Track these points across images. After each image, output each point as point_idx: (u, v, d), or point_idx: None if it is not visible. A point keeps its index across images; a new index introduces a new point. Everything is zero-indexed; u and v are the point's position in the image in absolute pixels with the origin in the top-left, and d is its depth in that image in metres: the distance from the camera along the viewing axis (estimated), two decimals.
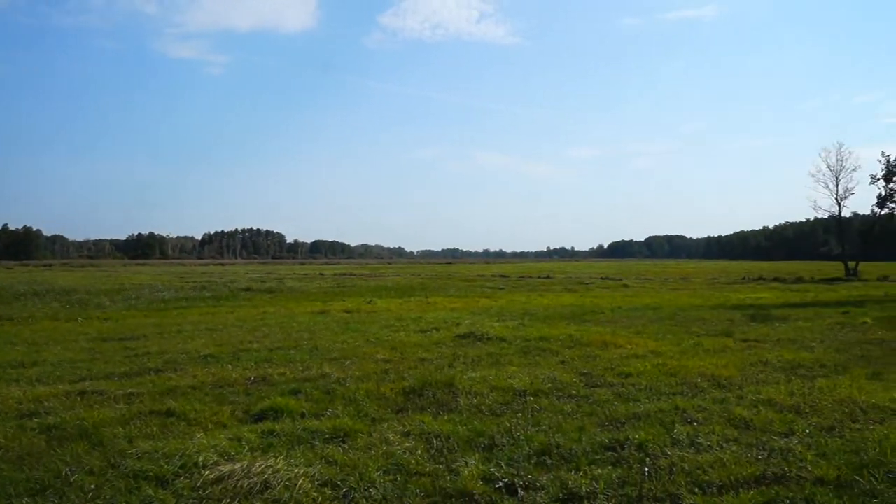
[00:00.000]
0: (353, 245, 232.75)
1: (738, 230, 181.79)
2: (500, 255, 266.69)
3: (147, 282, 30.89)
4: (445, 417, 5.06)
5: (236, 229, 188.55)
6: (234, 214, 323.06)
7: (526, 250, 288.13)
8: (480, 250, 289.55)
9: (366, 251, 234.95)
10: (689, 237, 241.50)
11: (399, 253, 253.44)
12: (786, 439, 4.39)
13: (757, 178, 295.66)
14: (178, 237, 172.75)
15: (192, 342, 9.65)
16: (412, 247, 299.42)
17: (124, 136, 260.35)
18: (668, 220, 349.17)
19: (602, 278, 34.26)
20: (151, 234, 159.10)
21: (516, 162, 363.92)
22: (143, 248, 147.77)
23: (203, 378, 6.74)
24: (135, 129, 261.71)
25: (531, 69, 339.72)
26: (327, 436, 4.56)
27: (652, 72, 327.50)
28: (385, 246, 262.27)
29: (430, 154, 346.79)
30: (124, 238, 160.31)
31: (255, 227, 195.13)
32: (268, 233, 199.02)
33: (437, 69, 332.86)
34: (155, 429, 4.77)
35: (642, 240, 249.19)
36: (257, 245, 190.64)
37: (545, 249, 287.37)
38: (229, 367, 7.41)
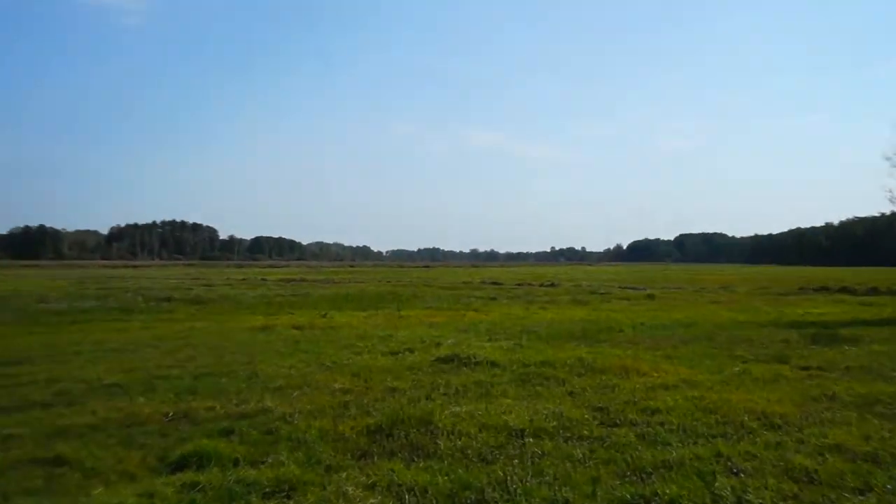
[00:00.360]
0: (304, 243, 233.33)
1: (793, 227, 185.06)
2: (491, 257, 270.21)
3: (33, 289, 30.15)
4: (421, 465, 5.01)
5: (154, 222, 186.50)
6: (151, 203, 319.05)
7: (524, 251, 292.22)
8: (467, 250, 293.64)
9: (321, 251, 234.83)
10: (730, 236, 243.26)
11: (364, 253, 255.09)
12: (861, 497, 4.38)
13: (817, 163, 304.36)
14: (77, 231, 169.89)
15: (92, 367, 9.44)
16: (380, 246, 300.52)
17: (8, 101, 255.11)
18: (704, 214, 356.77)
19: (620, 287, 34.42)
20: (42, 228, 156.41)
21: (513, 141, 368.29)
22: (32, 244, 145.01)
23: (105, 414, 6.60)
24: (21, 93, 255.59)
25: (531, 25, 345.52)
26: (268, 489, 4.47)
27: (689, 34, 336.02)
28: (346, 245, 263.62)
29: (404, 131, 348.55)
30: (6, 232, 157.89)
31: (178, 220, 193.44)
32: (195, 227, 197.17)
33: (414, 24, 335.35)
34: (39, 482, 4.64)
35: (671, 239, 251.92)
36: (181, 242, 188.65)
37: (548, 250, 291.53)
38: (141, 399, 7.27)
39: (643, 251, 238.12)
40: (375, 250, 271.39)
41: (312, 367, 9.48)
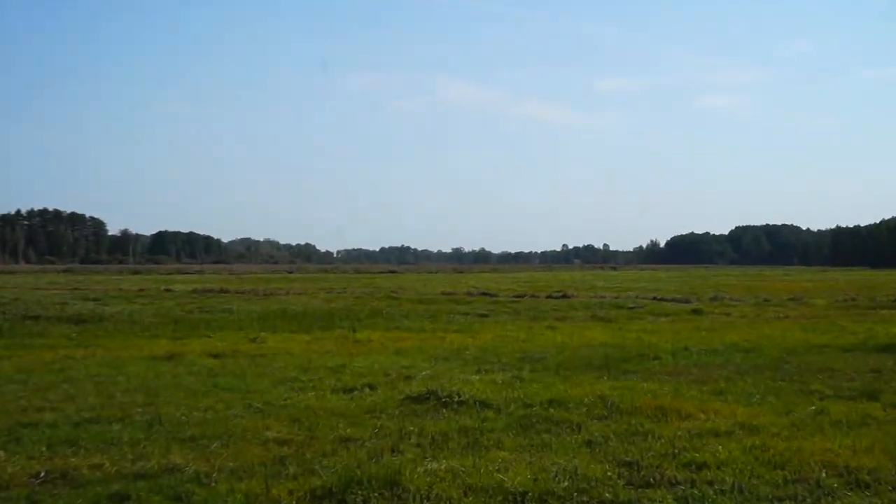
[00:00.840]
0: (225, 241, 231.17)
1: (889, 217, 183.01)
2: (481, 259, 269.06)
3: None
4: None
5: (18, 212, 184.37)
6: (14, 189, 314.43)
7: (526, 250, 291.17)
8: (448, 250, 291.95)
9: (249, 251, 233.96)
10: (804, 229, 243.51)
11: (307, 254, 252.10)
12: None
13: None
14: None
15: None
16: (330, 245, 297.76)
17: None
18: (768, 200, 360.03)
19: (656, 299, 34.60)
20: None
21: (507, 99, 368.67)
22: None
23: None
24: None
25: None
26: None
27: None
28: (283, 243, 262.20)
29: (361, 85, 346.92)
30: None
31: (52, 209, 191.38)
32: (75, 218, 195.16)
33: None
34: None
35: (724, 233, 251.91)
36: (56, 239, 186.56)
37: (559, 249, 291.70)
38: (1, 454, 7.19)
39: (686, 250, 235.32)
40: (323, 250, 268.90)
41: (237, 409, 9.43)
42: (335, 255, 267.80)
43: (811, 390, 10.80)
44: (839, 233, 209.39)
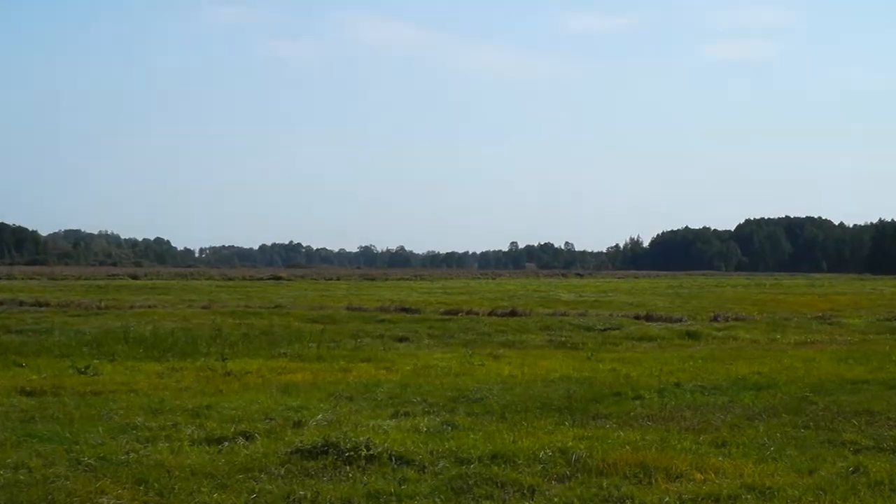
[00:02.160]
0: (44, 234, 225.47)
1: None
2: (397, 262, 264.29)
3: None
4: None
5: None
6: None
7: (461, 250, 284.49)
8: (352, 248, 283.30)
9: (78, 248, 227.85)
10: (836, 223, 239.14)
11: (159, 253, 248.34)
12: None
13: None
14: None
15: None
16: (191, 240, 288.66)
17: None
18: (786, 186, 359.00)
19: (637, 318, 34.73)
20: None
21: (441, 43, 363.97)
22: None
23: None
24: None
25: None
26: None
27: None
28: (125, 237, 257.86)
29: (223, 19, 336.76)
30: None
31: None
32: None
33: None
34: None
35: (728, 229, 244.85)
36: None
37: (505, 249, 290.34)
38: None
39: (678, 251, 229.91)
40: (181, 248, 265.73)
41: (60, 466, 9.22)
42: (197, 255, 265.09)
43: (843, 440, 10.69)
44: (882, 228, 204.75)
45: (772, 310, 40.70)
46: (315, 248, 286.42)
